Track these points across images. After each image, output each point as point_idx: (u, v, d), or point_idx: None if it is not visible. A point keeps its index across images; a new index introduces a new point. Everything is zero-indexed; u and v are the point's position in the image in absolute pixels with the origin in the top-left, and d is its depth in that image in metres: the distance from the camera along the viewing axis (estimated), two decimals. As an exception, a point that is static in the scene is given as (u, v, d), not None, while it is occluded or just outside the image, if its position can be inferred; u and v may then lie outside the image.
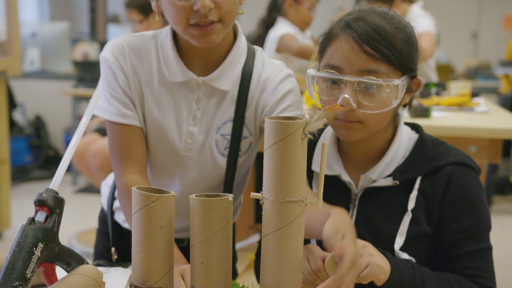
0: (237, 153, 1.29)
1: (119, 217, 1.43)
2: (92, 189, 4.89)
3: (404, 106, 1.22)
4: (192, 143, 1.28)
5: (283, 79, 1.27)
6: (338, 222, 0.92)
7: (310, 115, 0.80)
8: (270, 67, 1.30)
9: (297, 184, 0.81)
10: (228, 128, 1.27)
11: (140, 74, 1.27)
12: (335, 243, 0.88)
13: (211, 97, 1.27)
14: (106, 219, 1.48)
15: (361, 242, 1.04)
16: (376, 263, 1.02)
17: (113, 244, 1.40)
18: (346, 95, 1.10)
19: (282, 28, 3.28)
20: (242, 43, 1.29)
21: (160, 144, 1.29)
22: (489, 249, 1.18)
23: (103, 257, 1.48)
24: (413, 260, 1.15)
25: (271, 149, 0.81)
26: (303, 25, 3.40)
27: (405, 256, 1.16)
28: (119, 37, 1.29)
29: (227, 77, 1.26)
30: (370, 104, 1.11)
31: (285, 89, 1.26)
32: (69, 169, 5.10)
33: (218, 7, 1.14)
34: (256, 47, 1.34)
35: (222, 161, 1.29)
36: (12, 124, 5.25)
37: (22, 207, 4.22)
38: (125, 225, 1.40)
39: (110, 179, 1.51)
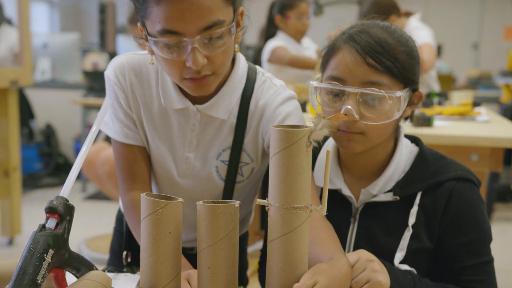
0: (234, 179, 1.29)
1: None
2: (101, 196, 4.92)
3: (406, 118, 1.23)
4: (188, 168, 1.28)
5: (282, 103, 1.24)
6: (319, 272, 0.87)
7: (315, 124, 0.81)
8: (269, 92, 1.26)
9: (302, 190, 0.83)
10: (228, 155, 1.27)
11: (139, 95, 1.27)
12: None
13: (208, 124, 1.26)
14: (122, 219, 1.49)
15: (366, 255, 1.04)
16: (377, 280, 1.02)
17: (126, 247, 1.41)
18: (349, 106, 1.11)
19: (275, 41, 3.38)
20: (240, 69, 1.26)
21: (157, 167, 1.31)
22: (491, 261, 1.18)
23: (117, 255, 1.50)
24: (414, 271, 1.15)
25: (277, 156, 0.83)
26: (297, 35, 3.47)
27: (405, 267, 1.16)
28: (123, 55, 1.29)
29: (223, 105, 1.24)
30: (373, 116, 1.12)
31: (283, 112, 1.23)
32: (79, 176, 5.14)
33: (211, 61, 1.10)
34: (258, 69, 1.31)
35: (221, 186, 1.30)
36: (30, 133, 5.31)
37: (33, 213, 4.25)
38: None
39: None
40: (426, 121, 2.15)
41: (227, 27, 1.09)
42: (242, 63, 1.28)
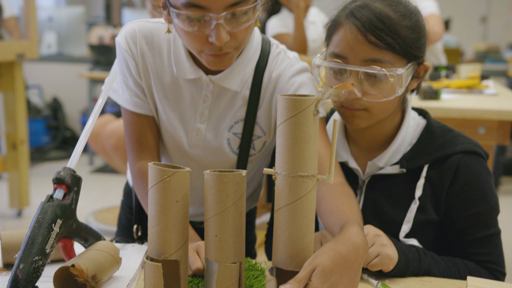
0: (247, 152, 1.28)
1: None
2: (108, 169, 4.95)
3: (412, 91, 1.22)
4: (199, 139, 1.28)
5: (295, 74, 1.23)
6: (324, 253, 0.82)
7: (322, 93, 0.80)
8: (283, 64, 1.25)
9: (309, 159, 0.82)
10: (240, 127, 1.26)
11: (149, 64, 1.25)
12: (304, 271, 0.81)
13: (220, 95, 1.25)
14: (129, 192, 1.50)
15: (374, 231, 1.05)
16: (387, 253, 1.04)
17: (136, 221, 1.42)
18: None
19: (278, 20, 3.31)
20: (255, 41, 1.25)
21: (167, 137, 1.30)
22: (498, 233, 1.19)
23: (124, 228, 1.51)
24: (420, 246, 1.15)
25: (284, 125, 0.82)
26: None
27: (414, 242, 1.17)
28: (135, 21, 1.27)
29: (236, 77, 1.23)
30: (375, 93, 1.11)
31: (296, 83, 1.22)
32: (86, 149, 5.17)
33: (233, 37, 1.07)
34: (272, 41, 1.29)
35: (233, 159, 1.30)
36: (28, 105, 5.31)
37: (41, 186, 4.29)
38: None
39: None
40: (433, 94, 2.14)
41: (253, 4, 1.06)
42: (256, 35, 1.27)
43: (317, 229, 1.24)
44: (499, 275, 1.17)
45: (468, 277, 1.05)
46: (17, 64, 3.53)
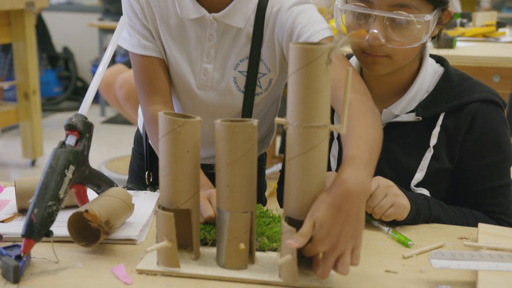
0: (253, 90, 1.28)
1: None
2: (120, 120, 4.97)
3: (433, 38, 1.20)
4: (207, 79, 1.28)
5: (293, 5, 1.20)
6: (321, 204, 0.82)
7: (335, 40, 0.79)
8: None
9: (321, 109, 0.82)
10: (245, 65, 1.26)
11: (154, 7, 1.26)
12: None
13: (225, 34, 1.25)
14: (140, 139, 1.51)
15: (385, 182, 1.06)
16: (401, 203, 1.05)
17: (147, 167, 1.43)
18: (375, 31, 1.08)
19: None
20: None
21: (176, 79, 1.30)
22: (508, 184, 1.19)
23: (136, 175, 1.53)
24: (428, 194, 1.16)
25: (296, 74, 0.81)
26: None
27: (424, 192, 1.17)
28: None
29: (239, 13, 1.22)
30: (400, 39, 1.09)
31: (294, 12, 1.19)
32: (97, 100, 5.18)
33: None
34: None
35: (240, 98, 1.29)
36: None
37: (53, 136, 4.33)
38: None
39: None
40: (448, 42, 2.10)
41: None
42: None
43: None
44: (506, 226, 1.18)
45: (480, 224, 1.06)
46: (27, 12, 3.50)
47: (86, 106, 1.01)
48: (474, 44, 2.30)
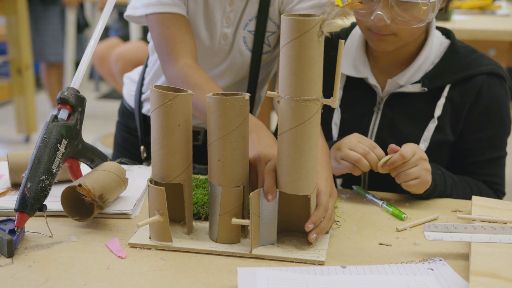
0: (261, 49, 1.26)
1: (147, 109, 1.42)
2: (115, 95, 4.95)
3: (440, 10, 1.18)
4: (226, 43, 1.26)
5: None
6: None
7: (328, 12, 0.78)
8: None
9: (313, 82, 0.81)
10: (254, 25, 1.25)
11: None
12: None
13: None
14: (125, 111, 1.49)
15: (421, 154, 1.06)
16: (427, 180, 1.06)
17: (142, 142, 1.42)
18: (380, 12, 1.06)
19: None
20: None
21: (197, 43, 1.25)
22: (504, 156, 1.22)
23: (121, 148, 1.51)
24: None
25: (287, 47, 0.80)
26: None
27: None
28: None
29: None
30: (406, 19, 1.08)
31: None
32: (92, 75, 5.14)
33: None
34: None
35: (248, 58, 1.28)
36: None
37: (47, 112, 4.30)
38: None
39: (135, 73, 1.51)
40: (444, 15, 2.09)
41: None
42: None
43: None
44: (501, 195, 1.22)
45: (473, 197, 1.07)
46: (18, -14, 3.45)
47: (78, 80, 1.00)
48: (470, 17, 2.29)
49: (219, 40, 1.25)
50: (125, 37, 3.51)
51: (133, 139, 1.47)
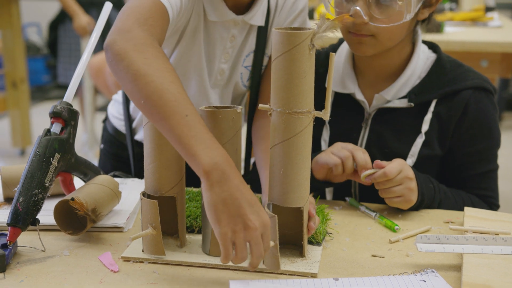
0: (258, 84, 1.25)
1: (141, 136, 1.33)
2: (110, 109, 4.94)
3: (423, 21, 1.19)
4: (221, 79, 1.23)
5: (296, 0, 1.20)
6: None
7: (318, 25, 0.79)
8: None
9: (304, 95, 0.82)
10: (250, 60, 1.23)
11: (196, 6, 1.12)
12: None
13: (242, 32, 1.20)
14: (112, 140, 1.41)
15: (408, 173, 1.07)
16: (410, 199, 1.07)
17: (135, 172, 1.34)
18: (357, 7, 1.08)
19: None
20: None
21: (194, 76, 1.21)
22: (496, 169, 1.22)
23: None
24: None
25: (278, 60, 0.81)
26: None
27: None
28: None
29: (259, 12, 1.18)
30: (382, 17, 1.09)
31: (299, 8, 1.20)
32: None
33: None
34: None
35: (243, 91, 1.27)
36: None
37: (42, 125, 4.29)
38: None
39: (120, 95, 1.40)
40: (437, 27, 2.10)
41: None
42: None
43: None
44: (495, 208, 1.21)
45: (466, 208, 1.07)
46: (14, 0, 3.47)
47: (71, 94, 1.01)
48: (463, 28, 2.31)
49: (216, 75, 1.22)
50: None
51: (125, 168, 1.37)
